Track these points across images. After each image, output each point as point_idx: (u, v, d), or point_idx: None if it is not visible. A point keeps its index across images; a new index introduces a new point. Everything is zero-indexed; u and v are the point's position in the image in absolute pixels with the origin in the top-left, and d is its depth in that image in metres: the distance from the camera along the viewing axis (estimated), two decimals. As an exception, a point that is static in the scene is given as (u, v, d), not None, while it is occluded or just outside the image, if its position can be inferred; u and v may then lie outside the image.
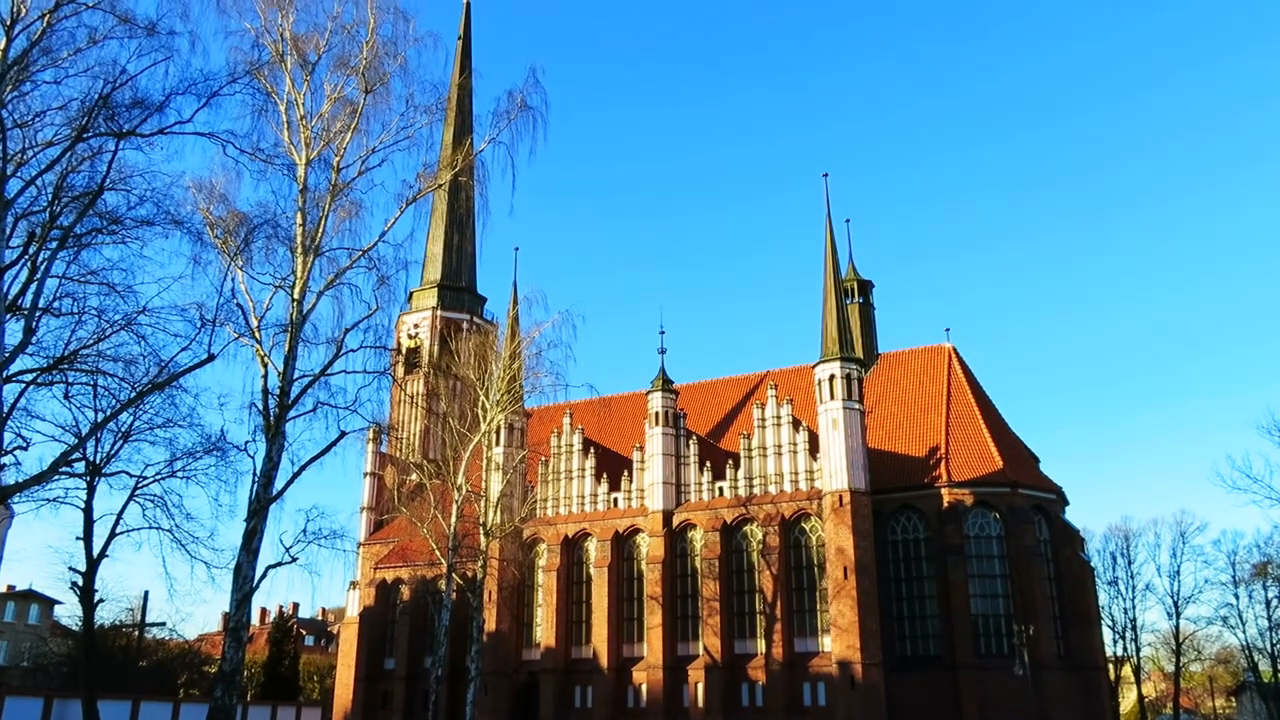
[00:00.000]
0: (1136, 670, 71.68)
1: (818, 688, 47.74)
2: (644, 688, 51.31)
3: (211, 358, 24.45)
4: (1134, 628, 69.03)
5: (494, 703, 53.23)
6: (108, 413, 25.62)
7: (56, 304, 22.03)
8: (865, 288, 62.47)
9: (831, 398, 49.49)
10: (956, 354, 57.38)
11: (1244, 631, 66.59)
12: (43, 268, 20.99)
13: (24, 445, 22.45)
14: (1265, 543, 64.37)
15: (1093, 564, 57.10)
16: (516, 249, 68.63)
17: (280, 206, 26.91)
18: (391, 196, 29.53)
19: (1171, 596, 68.15)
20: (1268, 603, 65.10)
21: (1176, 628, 68.99)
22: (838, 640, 46.55)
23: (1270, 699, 66.09)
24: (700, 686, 49.96)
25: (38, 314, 21.03)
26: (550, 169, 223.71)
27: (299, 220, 27.11)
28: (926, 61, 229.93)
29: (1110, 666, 61.78)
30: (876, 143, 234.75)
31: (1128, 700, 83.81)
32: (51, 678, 46.27)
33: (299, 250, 26.92)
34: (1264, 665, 67.79)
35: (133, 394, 24.72)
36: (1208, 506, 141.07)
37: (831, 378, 49.69)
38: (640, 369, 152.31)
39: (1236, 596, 66.20)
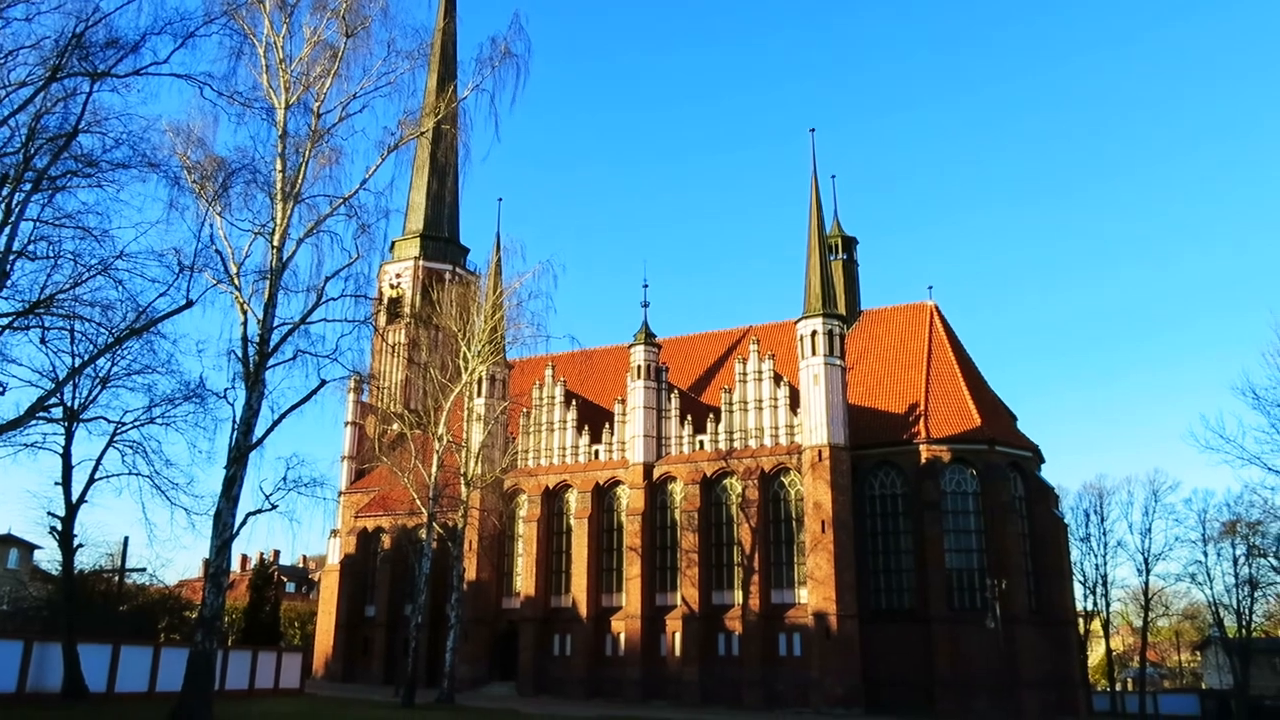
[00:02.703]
0: (1105, 624, 73.01)
1: (793, 638, 48.48)
2: (622, 637, 52.01)
3: (190, 304, 24.27)
4: (1104, 583, 70.16)
5: (474, 650, 53.85)
6: (85, 358, 25.48)
7: (31, 247, 21.76)
8: (849, 244, 62.45)
9: (813, 353, 49.66)
10: (938, 312, 57.58)
11: (1211, 588, 67.81)
12: (17, 210, 20.69)
13: (0, 390, 22.29)
14: (1235, 502, 65.21)
15: (1066, 521, 57.87)
16: (500, 199, 68.55)
17: (259, 152, 26.58)
18: (373, 144, 29.23)
19: (1142, 553, 69.19)
20: (1235, 560, 66.18)
21: (1146, 584, 70.14)
22: (814, 592, 47.19)
23: (1234, 653, 67.52)
24: (678, 636, 50.66)
25: (12, 257, 20.76)
26: (534, 120, 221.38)
27: (278, 166, 26.78)
28: (917, 15, 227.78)
29: (1080, 621, 62.88)
30: (864, 98, 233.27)
31: (1096, 653, 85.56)
32: (31, 621, 46.32)
33: (278, 196, 26.62)
34: (1229, 621, 69.16)
35: (110, 339, 24.55)
36: (1181, 466, 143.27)
37: (814, 333, 49.82)
38: (623, 323, 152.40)
39: (1205, 554, 67.27)
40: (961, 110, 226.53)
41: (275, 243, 26.35)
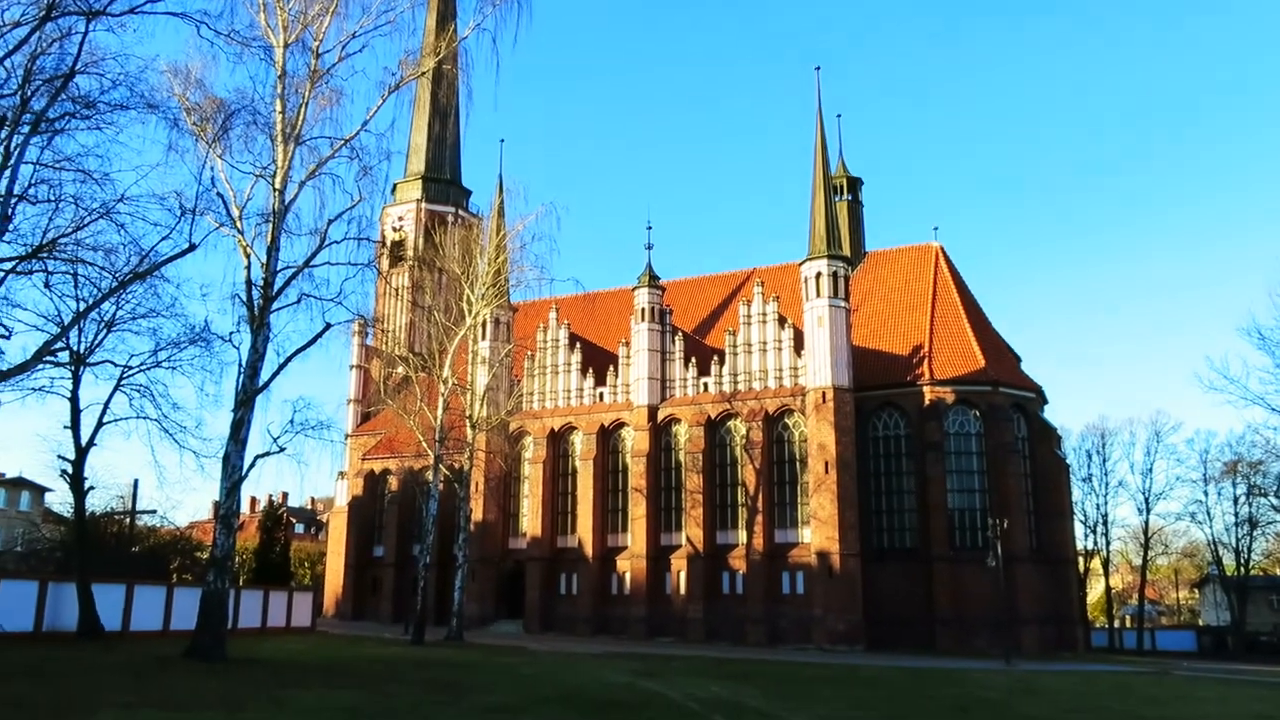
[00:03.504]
0: (1105, 563, 73.96)
1: (796, 577, 49.12)
2: (627, 576, 52.74)
3: (193, 247, 24.26)
4: (1105, 522, 71.00)
5: (481, 589, 54.70)
6: (89, 302, 25.51)
7: (32, 191, 21.69)
8: (854, 185, 61.90)
9: (817, 295, 49.57)
10: (943, 253, 57.29)
11: (1210, 527, 68.65)
12: (16, 153, 20.59)
13: (6, 334, 22.38)
14: (1237, 442, 65.99)
15: (1068, 461, 58.26)
16: (502, 141, 68.23)
17: (259, 93, 26.32)
18: (373, 84, 28.98)
19: (1143, 493, 69.98)
20: (1235, 499, 66.90)
21: (1146, 523, 71.02)
22: (817, 532, 47.70)
23: (1232, 590, 68.48)
24: (682, 575, 51.35)
25: (13, 200, 20.68)
26: (536, 60, 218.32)
27: (278, 107, 26.52)
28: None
29: (1080, 559, 63.65)
30: (871, 35, 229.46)
31: (1095, 591, 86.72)
32: (45, 563, 46.98)
33: (279, 138, 26.41)
34: (1228, 559, 70.07)
35: (114, 283, 24.57)
36: (1183, 408, 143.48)
37: (818, 275, 49.67)
38: (627, 266, 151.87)
39: (1206, 493, 67.99)
40: (969, 47, 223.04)
41: (277, 185, 26.21)
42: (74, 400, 30.48)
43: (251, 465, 25.70)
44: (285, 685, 19.76)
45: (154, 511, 50.33)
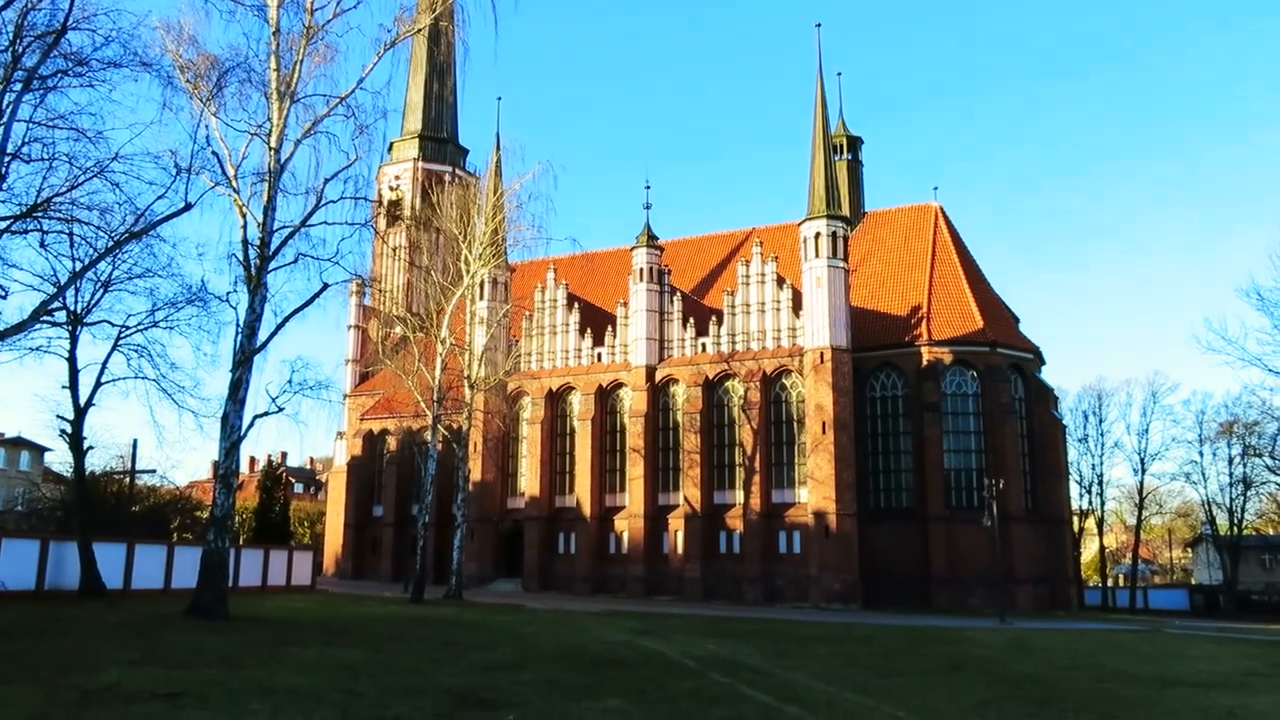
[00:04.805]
0: (1100, 523, 74.46)
1: (793, 536, 49.48)
2: (625, 535, 53.11)
3: (188, 206, 24.09)
4: (1100, 483, 71.35)
5: (480, 548, 55.11)
6: (85, 262, 25.38)
7: (25, 150, 21.48)
8: (854, 144, 61.51)
9: (816, 255, 49.40)
10: (943, 214, 57.09)
11: (1205, 487, 69.03)
12: (9, 111, 20.37)
13: (2, 294, 22.30)
14: (1233, 403, 66.05)
15: (1065, 422, 58.53)
16: (499, 99, 67.11)
17: (253, 49, 26.00)
18: (369, 41, 28.65)
19: (1138, 453, 70.24)
20: (1230, 460, 67.21)
21: (1141, 483, 71.41)
22: (814, 492, 47.95)
23: (1224, 550, 69.06)
24: (680, 534, 51.72)
25: (6, 159, 20.50)
26: (533, 17, 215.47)
27: (273, 64, 26.20)
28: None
29: (1075, 519, 64.09)
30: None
31: (1089, 550, 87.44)
32: (46, 522, 47.17)
33: (274, 96, 26.13)
34: (1221, 519, 70.61)
35: (110, 243, 24.43)
36: (1181, 369, 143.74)
37: (817, 235, 49.47)
38: (625, 226, 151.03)
39: (1201, 454, 68.28)
40: (972, 4, 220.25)
41: (272, 144, 25.97)
42: (72, 360, 30.44)
43: (250, 425, 25.72)
44: (286, 643, 19.92)
45: (154, 471, 50.54)
